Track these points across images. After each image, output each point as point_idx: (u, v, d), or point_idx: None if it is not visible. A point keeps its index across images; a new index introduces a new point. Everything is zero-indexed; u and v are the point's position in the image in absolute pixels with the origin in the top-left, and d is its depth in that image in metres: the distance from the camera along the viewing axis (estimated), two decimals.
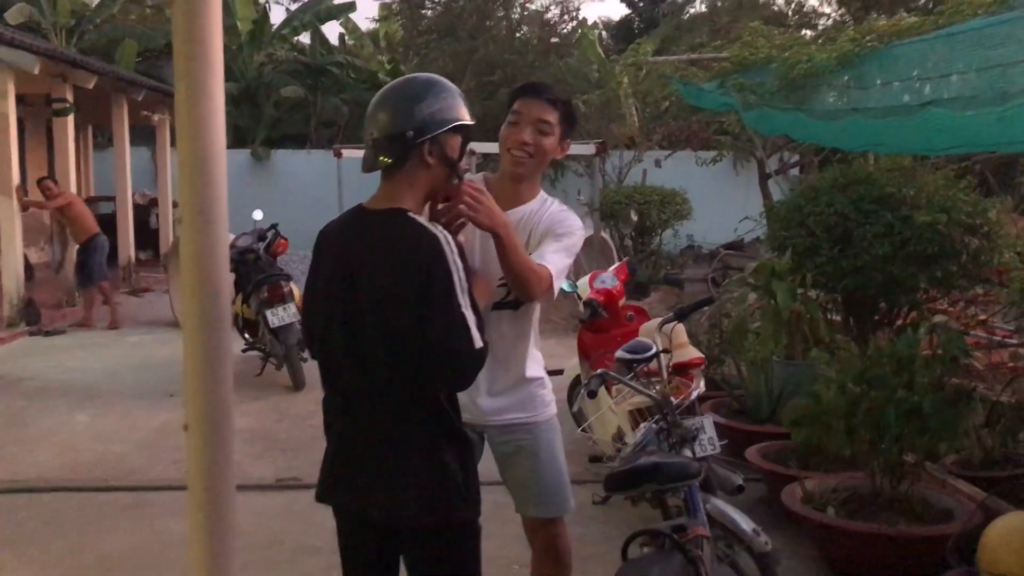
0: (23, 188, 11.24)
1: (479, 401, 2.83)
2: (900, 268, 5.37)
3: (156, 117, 15.97)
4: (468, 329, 2.18)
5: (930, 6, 13.44)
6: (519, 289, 2.65)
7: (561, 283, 2.74)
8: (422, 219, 2.31)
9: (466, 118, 2.38)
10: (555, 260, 2.70)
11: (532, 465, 2.91)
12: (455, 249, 2.22)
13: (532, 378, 2.92)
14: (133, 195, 15.42)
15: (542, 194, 2.92)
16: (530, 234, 2.80)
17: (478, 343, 2.20)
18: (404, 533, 2.33)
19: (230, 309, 2.35)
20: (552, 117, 2.79)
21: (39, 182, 11.28)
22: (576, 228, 2.83)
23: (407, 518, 2.29)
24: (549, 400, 2.98)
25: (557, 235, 2.77)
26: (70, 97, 12.40)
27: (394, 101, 2.35)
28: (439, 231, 2.25)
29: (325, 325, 2.36)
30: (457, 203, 2.39)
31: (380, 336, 2.24)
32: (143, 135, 17.38)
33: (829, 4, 19.63)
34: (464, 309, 2.19)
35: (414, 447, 2.27)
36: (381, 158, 2.33)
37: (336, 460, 2.39)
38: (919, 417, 3.94)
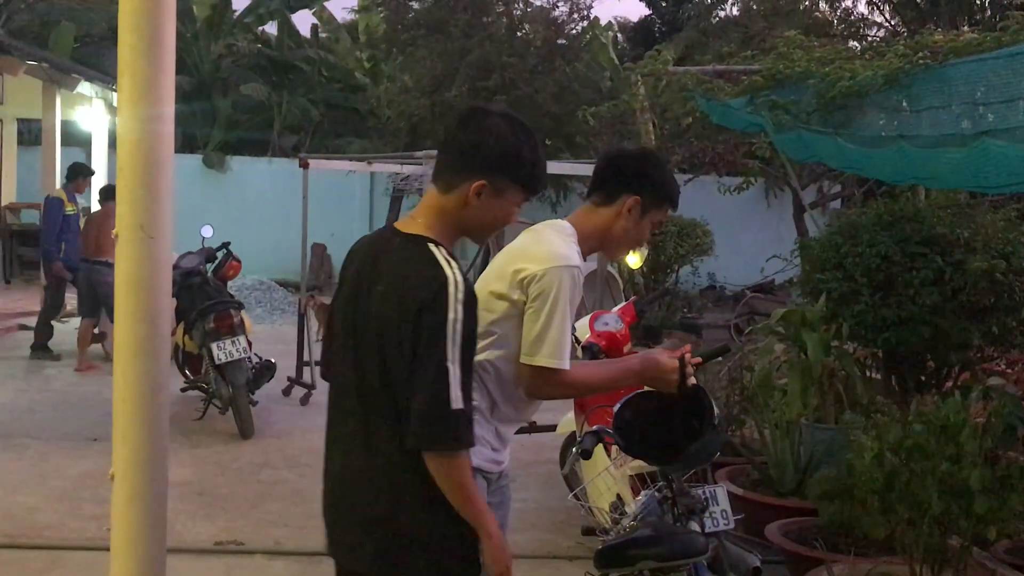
0: None
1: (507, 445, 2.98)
2: (951, 321, 5.42)
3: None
4: (448, 386, 2.21)
5: (995, 20, 13.64)
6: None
7: None
8: (442, 253, 2.35)
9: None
10: None
11: (506, 516, 3.02)
12: (462, 297, 2.25)
13: None
14: None
15: None
16: None
17: (456, 403, 2.21)
18: None
19: (170, 340, 2.40)
20: None
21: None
22: None
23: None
24: None
25: None
26: None
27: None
28: (452, 271, 2.29)
29: (339, 346, 2.46)
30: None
31: (377, 365, 2.32)
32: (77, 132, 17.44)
33: (881, 12, 19.87)
34: (449, 363, 2.21)
35: (411, 491, 2.32)
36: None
37: (327, 503, 2.48)
38: (965, 495, 3.97)
